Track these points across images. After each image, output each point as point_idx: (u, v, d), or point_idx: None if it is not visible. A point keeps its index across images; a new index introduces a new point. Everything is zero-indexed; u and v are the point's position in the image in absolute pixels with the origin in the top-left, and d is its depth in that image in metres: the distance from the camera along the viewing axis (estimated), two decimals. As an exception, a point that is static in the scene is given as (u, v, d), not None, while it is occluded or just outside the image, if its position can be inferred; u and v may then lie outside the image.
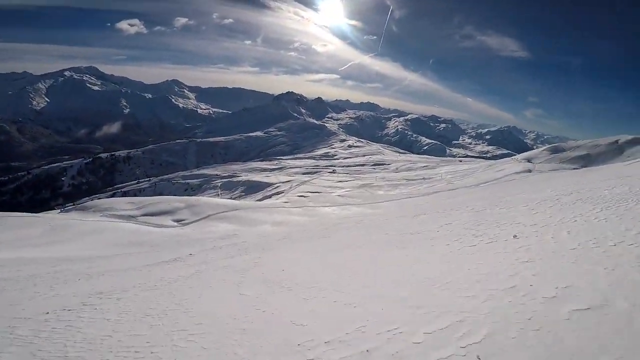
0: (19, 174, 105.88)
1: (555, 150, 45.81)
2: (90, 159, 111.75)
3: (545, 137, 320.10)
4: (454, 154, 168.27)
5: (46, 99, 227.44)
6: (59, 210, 32.22)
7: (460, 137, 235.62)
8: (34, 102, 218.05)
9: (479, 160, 78.03)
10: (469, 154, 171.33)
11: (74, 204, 42.21)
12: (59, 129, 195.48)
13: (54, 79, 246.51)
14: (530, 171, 34.20)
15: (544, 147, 52.76)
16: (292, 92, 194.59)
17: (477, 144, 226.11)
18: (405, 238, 8.93)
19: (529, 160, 41.83)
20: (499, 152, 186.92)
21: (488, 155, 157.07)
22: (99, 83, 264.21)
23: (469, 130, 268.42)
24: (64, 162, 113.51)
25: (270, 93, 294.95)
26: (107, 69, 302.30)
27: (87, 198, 60.62)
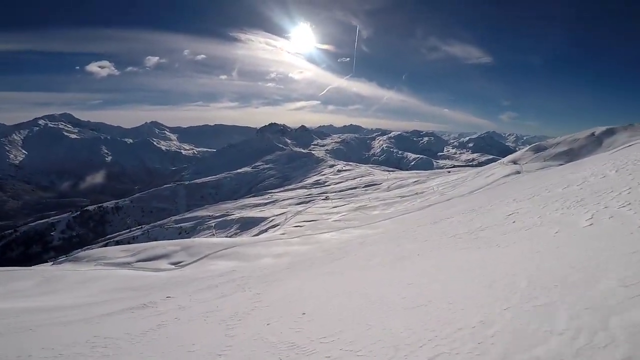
0: (5, 232, 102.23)
1: (537, 149, 47.18)
2: (78, 212, 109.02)
3: (525, 137, 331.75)
4: (441, 165, 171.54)
5: (23, 151, 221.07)
6: (51, 263, 31.00)
7: (445, 148, 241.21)
8: (11, 156, 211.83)
9: (466, 168, 79.58)
10: (456, 163, 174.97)
11: (66, 256, 40.67)
12: (41, 183, 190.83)
13: (28, 128, 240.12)
14: (519, 172, 34.89)
15: (527, 148, 54.29)
16: (275, 123, 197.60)
17: (461, 152, 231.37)
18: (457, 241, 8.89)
19: (514, 162, 42.86)
20: (484, 158, 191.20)
21: (474, 163, 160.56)
22: (76, 130, 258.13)
23: (452, 141, 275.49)
24: (51, 218, 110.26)
25: (253, 126, 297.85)
26: (82, 115, 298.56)
27: (79, 250, 58.48)
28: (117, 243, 57.79)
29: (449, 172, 73.43)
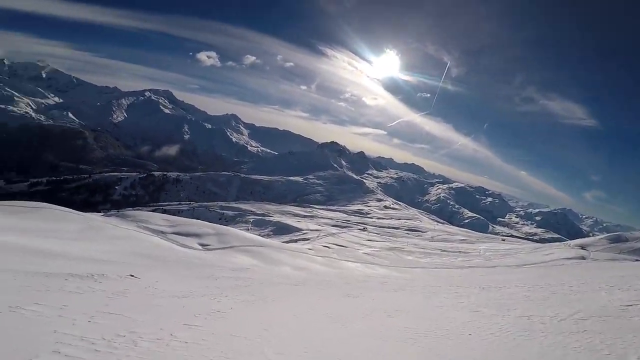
0: (82, 175, 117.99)
1: (616, 240, 41.26)
2: (144, 175, 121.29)
3: (605, 224, 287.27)
4: (497, 231, 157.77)
5: (125, 113, 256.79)
6: (102, 214, 34.61)
7: (507, 215, 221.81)
8: (114, 115, 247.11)
9: (524, 241, 72.33)
10: (514, 233, 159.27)
11: (117, 211, 45.25)
12: (127, 142, 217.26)
13: (135, 97, 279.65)
14: (584, 258, 30.82)
15: (603, 235, 47.84)
16: (336, 142, 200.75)
17: (524, 224, 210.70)
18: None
19: (582, 247, 37.92)
20: (548, 235, 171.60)
21: (535, 238, 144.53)
22: (170, 107, 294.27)
23: (518, 209, 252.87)
24: (122, 174, 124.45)
25: (316, 140, 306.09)
26: (179, 94, 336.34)
27: (131, 208, 64.61)
28: (165, 211, 62.69)
29: (503, 240, 67.63)
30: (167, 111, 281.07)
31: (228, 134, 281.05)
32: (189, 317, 5.67)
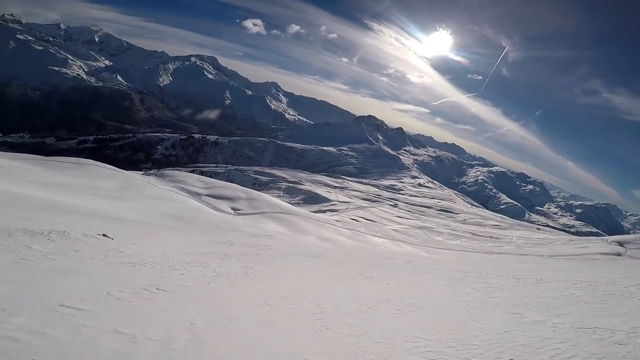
0: (127, 135, 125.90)
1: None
2: (185, 137, 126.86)
3: None
4: (534, 220, 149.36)
5: (170, 77, 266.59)
6: (142, 172, 36.99)
7: (546, 204, 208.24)
8: (160, 79, 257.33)
9: (560, 232, 68.23)
10: (551, 224, 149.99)
11: (157, 170, 48.20)
12: (170, 105, 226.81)
13: (181, 61, 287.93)
14: (619, 255, 28.71)
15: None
16: (373, 116, 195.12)
17: (563, 215, 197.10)
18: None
19: (620, 244, 35.15)
20: (586, 229, 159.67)
21: (572, 230, 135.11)
22: (214, 72, 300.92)
23: (559, 199, 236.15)
24: (164, 134, 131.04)
25: (353, 113, 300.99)
26: (223, 61, 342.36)
27: (170, 168, 68.41)
28: (202, 173, 65.70)
29: (539, 229, 64.23)
30: (210, 76, 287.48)
31: (267, 101, 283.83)
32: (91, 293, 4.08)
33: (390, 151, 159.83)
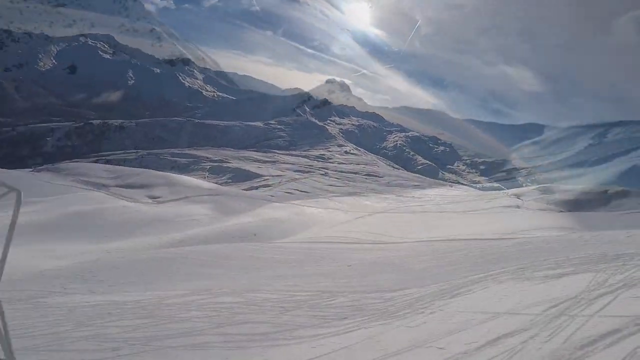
0: (3, 129, 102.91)
1: (545, 191, 46.01)
2: (81, 124, 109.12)
3: (537, 177, 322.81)
4: (446, 178, 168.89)
5: (54, 61, 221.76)
6: (31, 170, 30.77)
7: (455, 163, 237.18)
8: (40, 64, 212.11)
9: (468, 188, 78.31)
10: (461, 180, 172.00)
11: (51, 165, 40.59)
12: (56, 91, 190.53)
13: (67, 42, 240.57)
14: (518, 207, 34.13)
15: (535, 186, 53.07)
16: (300, 89, 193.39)
17: (470, 172, 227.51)
18: None
19: (518, 196, 41.98)
20: (489, 184, 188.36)
21: (478, 186, 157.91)
22: (111, 52, 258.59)
23: (466, 158, 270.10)
24: (53, 124, 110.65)
25: (279, 86, 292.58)
26: (123, 39, 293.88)
27: (67, 161, 58.63)
28: (108, 162, 57.75)
29: (452, 186, 72.47)
30: (107, 56, 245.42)
31: (180, 78, 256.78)
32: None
33: (318, 122, 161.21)
